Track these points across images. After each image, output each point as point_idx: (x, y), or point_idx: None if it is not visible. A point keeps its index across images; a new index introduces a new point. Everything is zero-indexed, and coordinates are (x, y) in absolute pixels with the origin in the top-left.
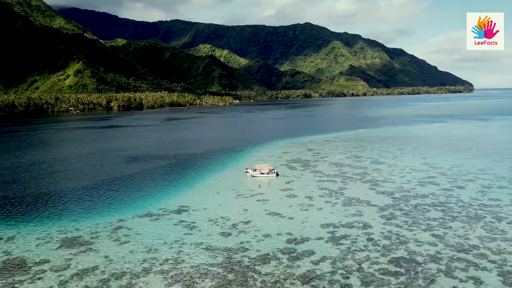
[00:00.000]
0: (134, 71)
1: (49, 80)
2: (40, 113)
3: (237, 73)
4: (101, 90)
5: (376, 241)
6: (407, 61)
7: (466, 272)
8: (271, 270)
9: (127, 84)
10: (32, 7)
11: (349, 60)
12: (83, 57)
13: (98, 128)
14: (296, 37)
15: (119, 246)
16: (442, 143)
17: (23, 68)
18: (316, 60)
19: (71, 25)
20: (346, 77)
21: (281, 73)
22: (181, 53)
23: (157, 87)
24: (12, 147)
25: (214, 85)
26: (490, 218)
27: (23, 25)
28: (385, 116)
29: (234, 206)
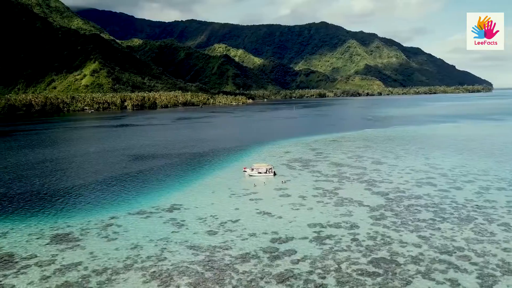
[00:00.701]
0: (149, 70)
1: (66, 79)
2: (56, 112)
3: (251, 73)
4: (116, 89)
5: (360, 242)
6: (424, 60)
7: (445, 274)
8: (249, 269)
9: (142, 84)
10: (51, 8)
11: (365, 59)
12: (99, 57)
13: (108, 127)
14: (311, 37)
15: (106, 243)
16: (448, 143)
17: (42, 68)
18: (331, 59)
19: (88, 25)
20: (361, 76)
21: (296, 73)
22: (196, 53)
23: (172, 87)
24: (22, 145)
25: (228, 85)
26: (481, 220)
27: (42, 26)
28: (396, 116)
29: (225, 205)
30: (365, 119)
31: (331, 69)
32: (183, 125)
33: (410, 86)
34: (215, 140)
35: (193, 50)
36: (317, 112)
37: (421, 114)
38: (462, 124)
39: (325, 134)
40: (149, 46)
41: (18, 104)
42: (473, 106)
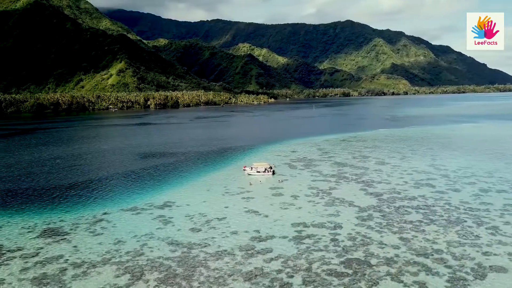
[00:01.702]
0: (173, 70)
1: (94, 79)
2: (82, 111)
3: (274, 72)
4: (141, 89)
5: (339, 242)
6: (454, 59)
7: (415, 277)
8: (220, 266)
9: (167, 83)
10: (81, 9)
11: (391, 58)
12: (125, 57)
13: (127, 125)
14: (337, 35)
15: (92, 238)
16: (460, 144)
17: (71, 67)
18: (357, 58)
19: (116, 26)
20: (387, 75)
21: (320, 72)
22: (220, 53)
23: (196, 86)
24: (39, 143)
25: (251, 84)
26: (469, 223)
27: (72, 27)
28: (416, 115)
29: (216, 203)
30: (383, 119)
31: (357, 68)
32: (199, 124)
33: (438, 85)
34: (225, 138)
35: (217, 50)
36: (336, 111)
37: (443, 114)
38: (482, 125)
39: (337, 133)
40: (174, 46)
41: (46, 103)
42: (501, 106)
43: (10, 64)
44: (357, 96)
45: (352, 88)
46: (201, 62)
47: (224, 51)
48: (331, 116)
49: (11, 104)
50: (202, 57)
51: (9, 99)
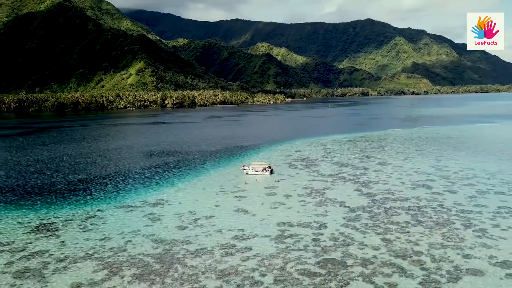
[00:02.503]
0: (192, 70)
1: (114, 79)
2: (101, 110)
3: (292, 71)
4: (160, 88)
5: (320, 242)
6: (478, 57)
7: (387, 278)
8: (197, 264)
9: (185, 83)
10: (103, 10)
11: (412, 57)
12: (145, 57)
13: (140, 124)
14: (357, 34)
15: (80, 233)
16: (469, 144)
17: (92, 67)
18: (377, 57)
19: (136, 26)
20: (407, 74)
21: (339, 71)
22: (238, 52)
23: (214, 86)
24: (52, 141)
25: (269, 83)
26: (458, 225)
27: (93, 27)
28: (431, 115)
29: (208, 202)
30: (396, 119)
31: (376, 67)
32: (210, 123)
33: (460, 85)
34: (232, 138)
35: (235, 50)
36: (351, 111)
37: (461, 113)
38: (498, 125)
39: (346, 133)
40: (193, 46)
41: (66, 102)
42: None
43: (34, 64)
44: (376, 95)
45: (371, 87)
46: (220, 62)
47: (242, 51)
48: (344, 116)
49: (33, 103)
50: (220, 56)
51: (31, 98)
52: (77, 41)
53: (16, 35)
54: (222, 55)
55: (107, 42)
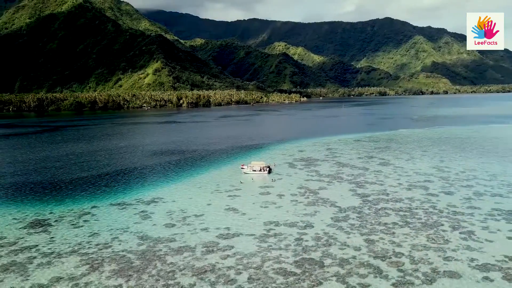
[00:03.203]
0: (208, 69)
1: (131, 78)
2: (117, 109)
3: (309, 71)
4: (176, 88)
5: (302, 241)
6: (501, 56)
7: (362, 279)
8: (176, 261)
9: (201, 82)
10: (122, 11)
11: (432, 56)
12: (162, 56)
13: (152, 123)
14: (375, 33)
15: (70, 230)
16: (478, 145)
17: (110, 67)
18: (396, 56)
19: (155, 26)
20: (426, 74)
21: (356, 70)
22: (255, 52)
23: (230, 85)
24: (62, 139)
25: (285, 83)
26: (446, 227)
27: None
28: (446, 115)
29: (201, 200)
30: (409, 119)
31: (395, 67)
32: (221, 122)
33: (481, 84)
34: (238, 137)
35: (252, 49)
36: (364, 110)
37: (477, 114)
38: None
39: (354, 133)
40: (210, 46)
41: (84, 101)
42: None
43: (55, 64)
44: (394, 95)
45: (389, 87)
46: (236, 62)
47: (259, 50)
48: (356, 116)
49: (52, 102)
50: (237, 56)
51: (50, 97)
52: (97, 41)
53: (38, 36)
54: (238, 55)
55: (126, 42)
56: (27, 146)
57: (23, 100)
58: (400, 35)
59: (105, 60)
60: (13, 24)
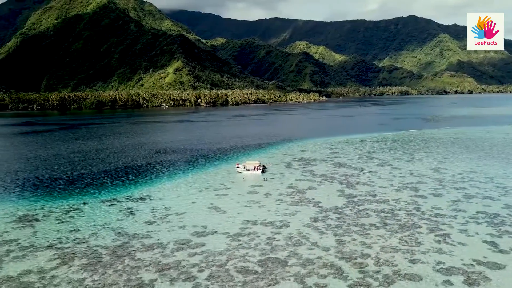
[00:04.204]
0: (228, 69)
1: (152, 77)
2: (137, 108)
3: (330, 70)
4: (196, 87)
5: (273, 241)
6: None
7: (320, 279)
8: (144, 257)
9: (221, 82)
10: (145, 11)
11: (457, 54)
12: (182, 56)
13: (166, 122)
14: (398, 31)
15: (54, 225)
16: (485, 146)
17: (133, 67)
18: (420, 55)
19: (177, 26)
20: (450, 73)
21: (378, 69)
22: (275, 51)
23: (249, 85)
24: (73, 137)
25: (305, 82)
26: (424, 229)
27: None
28: (463, 115)
29: (188, 199)
30: (422, 119)
31: (419, 66)
32: (233, 122)
33: (509, 84)
34: (244, 136)
35: (272, 48)
36: (380, 110)
37: (497, 114)
38: None
39: (361, 133)
40: (231, 45)
41: (105, 100)
42: None
43: (80, 64)
44: (416, 95)
45: (412, 86)
46: (257, 61)
47: (279, 50)
48: (370, 116)
49: (74, 101)
50: (257, 55)
51: (72, 96)
52: (120, 41)
53: (64, 36)
54: (259, 54)
55: (148, 42)
56: (39, 144)
57: (46, 99)
58: (424, 33)
59: (128, 60)
60: (40, 25)
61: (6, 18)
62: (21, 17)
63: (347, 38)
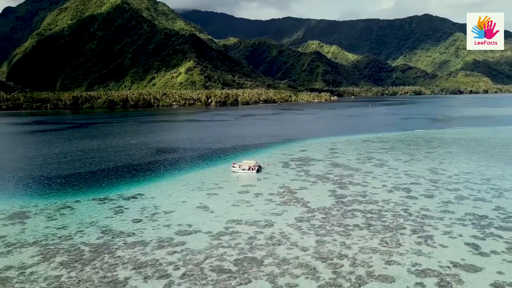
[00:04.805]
0: (240, 68)
1: (164, 77)
2: (148, 107)
3: (342, 69)
4: (207, 86)
5: (253, 240)
6: None
7: (293, 279)
8: (124, 255)
9: (232, 81)
10: (158, 11)
11: (473, 53)
12: (194, 56)
13: (173, 121)
14: (413, 30)
15: (44, 222)
16: (487, 147)
17: (145, 66)
18: (434, 54)
19: (189, 26)
20: (465, 72)
21: (391, 69)
22: (287, 50)
23: (261, 84)
24: (79, 136)
25: (317, 82)
26: (406, 231)
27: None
28: (473, 116)
29: (178, 198)
30: (430, 119)
31: (433, 65)
32: (238, 121)
33: None
34: (246, 136)
35: (284, 48)
36: (390, 110)
37: (509, 115)
38: None
39: (365, 133)
40: (243, 45)
41: (116, 100)
42: None
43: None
44: (430, 94)
45: (425, 86)
46: (269, 60)
47: (291, 49)
48: (378, 116)
49: (87, 100)
50: (269, 55)
51: (84, 96)
52: (133, 41)
53: (78, 36)
54: (271, 54)
55: (160, 42)
56: (43, 142)
57: (59, 98)
58: (439, 32)
59: (140, 60)
60: (56, 25)
61: (23, 19)
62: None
63: (361, 37)
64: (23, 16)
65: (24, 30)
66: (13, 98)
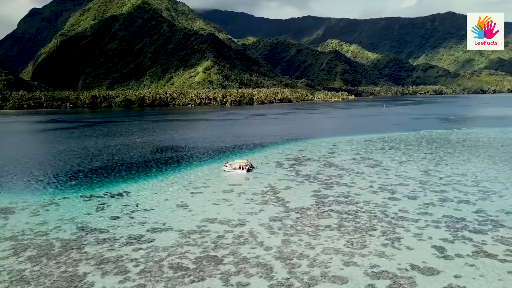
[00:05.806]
0: (258, 68)
1: (183, 76)
2: (164, 106)
3: (361, 69)
4: (225, 86)
5: (221, 239)
6: None
7: (245, 278)
8: (91, 251)
9: (250, 81)
10: (178, 11)
11: (498, 52)
12: (212, 55)
13: (185, 120)
14: (435, 29)
15: (26, 218)
16: (492, 148)
17: (164, 66)
18: (457, 53)
19: (209, 26)
20: (489, 71)
21: (412, 68)
22: (306, 49)
23: (278, 83)
24: (89, 134)
25: (336, 81)
26: (377, 232)
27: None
28: (488, 116)
29: (162, 196)
30: (442, 119)
31: (456, 64)
32: (248, 121)
33: None
34: (250, 136)
35: (303, 47)
36: (404, 110)
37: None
38: None
39: (370, 133)
40: (261, 44)
41: (134, 99)
42: None
43: (114, 63)
44: (451, 94)
45: (447, 85)
46: (287, 60)
47: (310, 48)
48: (390, 115)
49: (105, 99)
50: (288, 54)
51: (103, 95)
52: (153, 41)
53: (100, 37)
54: (289, 53)
55: (179, 41)
56: (50, 140)
57: (79, 97)
58: (462, 30)
59: (160, 59)
60: (79, 26)
61: (48, 20)
62: (61, 18)
63: (381, 36)
64: (48, 17)
65: (49, 30)
66: (34, 97)
